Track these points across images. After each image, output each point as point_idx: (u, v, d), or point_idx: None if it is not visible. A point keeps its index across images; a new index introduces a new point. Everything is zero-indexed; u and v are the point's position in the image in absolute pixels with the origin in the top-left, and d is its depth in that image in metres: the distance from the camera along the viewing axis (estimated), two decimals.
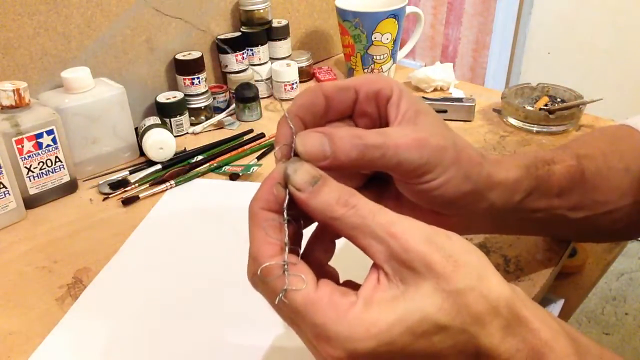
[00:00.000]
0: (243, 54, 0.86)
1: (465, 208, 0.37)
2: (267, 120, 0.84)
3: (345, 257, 0.37)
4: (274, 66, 0.88)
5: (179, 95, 0.79)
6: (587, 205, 0.43)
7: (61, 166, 0.65)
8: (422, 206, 0.36)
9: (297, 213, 0.30)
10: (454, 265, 0.27)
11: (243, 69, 0.87)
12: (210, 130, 0.81)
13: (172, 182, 0.67)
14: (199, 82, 0.81)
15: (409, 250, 0.27)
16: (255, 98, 0.83)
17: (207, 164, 0.71)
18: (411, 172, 0.33)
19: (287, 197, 0.29)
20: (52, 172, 0.64)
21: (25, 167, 0.62)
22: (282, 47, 0.92)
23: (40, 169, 0.63)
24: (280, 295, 0.27)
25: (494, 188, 0.38)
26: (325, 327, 0.26)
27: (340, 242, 0.36)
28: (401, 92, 0.34)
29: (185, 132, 0.80)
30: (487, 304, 0.27)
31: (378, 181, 0.38)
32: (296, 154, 0.30)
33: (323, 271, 0.33)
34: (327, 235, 0.35)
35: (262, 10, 0.87)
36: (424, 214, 0.38)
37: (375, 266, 0.28)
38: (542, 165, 0.41)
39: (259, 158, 0.73)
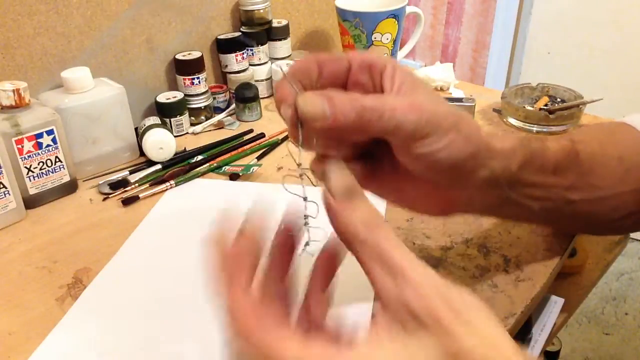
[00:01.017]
0: (243, 54, 0.86)
1: (466, 176, 0.37)
2: (267, 121, 0.84)
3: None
4: (274, 66, 0.88)
5: (179, 95, 0.79)
6: (583, 187, 0.44)
7: (61, 166, 0.65)
8: (422, 177, 0.36)
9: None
10: (462, 324, 0.26)
11: (243, 69, 0.87)
12: (210, 130, 0.81)
13: (172, 182, 0.67)
14: (199, 82, 0.81)
15: (420, 298, 0.26)
16: (255, 98, 0.83)
17: (207, 164, 0.71)
18: (410, 136, 0.33)
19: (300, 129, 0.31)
20: (52, 172, 0.64)
21: (25, 167, 0.62)
22: (282, 47, 0.92)
23: (40, 169, 0.63)
24: (305, 247, 0.27)
25: (494, 157, 0.38)
26: None
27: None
28: (395, 65, 0.35)
29: (185, 132, 0.80)
30: None
31: (372, 157, 0.38)
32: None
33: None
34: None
35: (262, 10, 0.87)
36: (423, 187, 0.37)
37: (379, 305, 0.28)
38: (535, 141, 0.42)
39: (259, 158, 0.73)
